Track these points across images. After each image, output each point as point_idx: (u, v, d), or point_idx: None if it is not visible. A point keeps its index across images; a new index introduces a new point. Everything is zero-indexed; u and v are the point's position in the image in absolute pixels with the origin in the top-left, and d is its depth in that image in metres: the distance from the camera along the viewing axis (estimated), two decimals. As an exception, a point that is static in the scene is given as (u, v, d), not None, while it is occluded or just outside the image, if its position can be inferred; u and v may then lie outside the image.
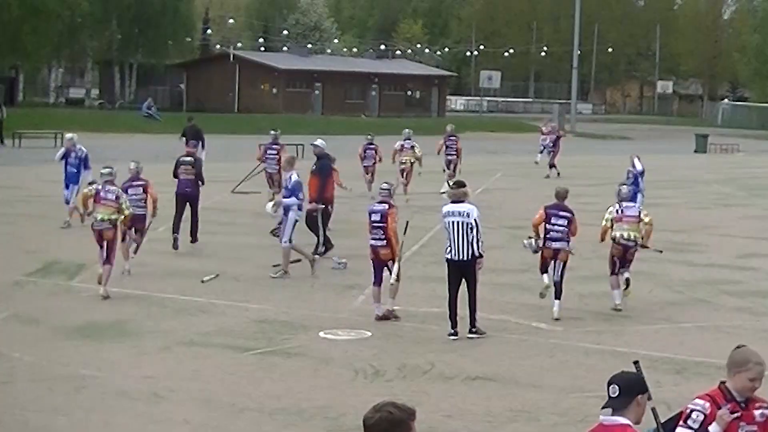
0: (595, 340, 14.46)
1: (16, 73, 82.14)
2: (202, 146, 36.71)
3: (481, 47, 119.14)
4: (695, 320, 15.93)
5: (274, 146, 28.78)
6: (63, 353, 13.29)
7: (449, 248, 14.57)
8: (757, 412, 6.68)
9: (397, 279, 15.41)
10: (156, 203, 19.44)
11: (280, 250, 20.99)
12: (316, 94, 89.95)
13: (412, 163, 31.00)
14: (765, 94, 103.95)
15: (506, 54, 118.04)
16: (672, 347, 14.15)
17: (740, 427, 6.65)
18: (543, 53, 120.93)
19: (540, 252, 16.47)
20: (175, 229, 21.63)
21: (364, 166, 31.06)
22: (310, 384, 12.15)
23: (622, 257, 16.86)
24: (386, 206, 15.72)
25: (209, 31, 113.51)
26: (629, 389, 6.09)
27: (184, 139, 36.73)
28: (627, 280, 17.02)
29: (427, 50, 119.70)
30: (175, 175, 22.56)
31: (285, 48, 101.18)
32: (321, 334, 14.48)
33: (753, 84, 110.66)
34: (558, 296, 16.17)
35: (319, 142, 22.11)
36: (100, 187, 17.46)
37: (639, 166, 23.00)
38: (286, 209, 18.65)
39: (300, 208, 18.87)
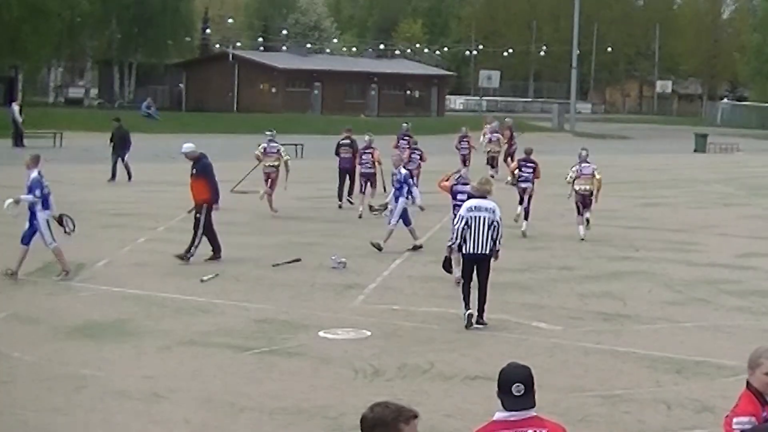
0: (594, 340, 14.45)
1: (16, 73, 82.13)
2: (128, 149, 35.98)
3: (481, 47, 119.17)
4: (695, 320, 15.92)
5: (405, 137, 33.82)
6: (63, 353, 13.28)
7: (468, 242, 14.82)
8: None
9: None
10: (287, 164, 26.78)
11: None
12: (315, 94, 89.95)
13: (498, 152, 38.84)
14: (764, 93, 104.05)
15: (506, 54, 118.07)
16: (672, 347, 14.15)
17: None
18: (542, 53, 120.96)
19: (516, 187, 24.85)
20: (339, 196, 28.98)
21: (462, 155, 37.40)
22: (309, 384, 12.14)
23: (582, 202, 23.81)
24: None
25: (209, 31, 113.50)
26: (531, 384, 5.91)
27: (111, 143, 36.16)
28: (587, 220, 23.80)
29: (426, 50, 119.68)
30: (337, 154, 29.48)
31: (284, 47, 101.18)
32: (321, 333, 14.47)
33: (752, 83, 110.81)
34: (526, 218, 24.39)
35: (186, 147, 20.74)
36: (266, 144, 26.91)
37: (404, 170, 22.54)
38: (33, 213, 17.88)
39: (46, 207, 17.99)
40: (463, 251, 15.04)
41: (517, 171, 25.52)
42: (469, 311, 14.95)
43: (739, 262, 21.32)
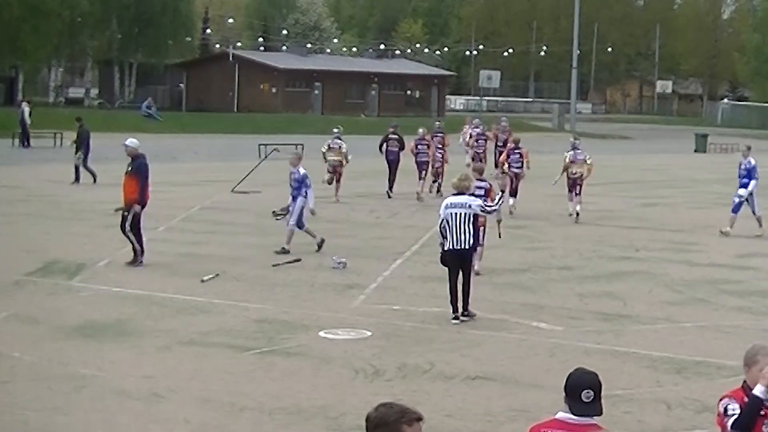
0: (595, 340, 14.45)
1: (16, 73, 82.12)
2: (87, 150, 34.62)
3: (481, 47, 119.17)
4: (695, 320, 15.92)
5: (438, 134, 34.30)
6: (63, 353, 13.28)
7: (449, 239, 15.24)
8: None
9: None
10: (347, 158, 30.36)
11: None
12: (315, 94, 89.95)
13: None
14: (765, 93, 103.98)
15: (506, 53, 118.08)
16: (672, 347, 14.15)
17: (765, 425, 6.49)
18: (543, 53, 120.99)
19: (507, 176, 26.51)
20: (390, 185, 32.07)
21: (476, 152, 38.33)
22: (310, 384, 12.13)
23: (573, 185, 27.03)
24: (488, 184, 18.59)
25: (209, 31, 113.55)
26: (600, 391, 5.99)
27: (74, 144, 35.40)
28: (577, 213, 26.77)
29: (426, 50, 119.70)
30: (381, 149, 32.79)
31: (284, 47, 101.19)
32: (321, 333, 14.46)
33: (753, 83, 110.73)
34: (515, 196, 27.82)
35: (129, 141, 20.27)
36: (331, 140, 30.42)
37: (302, 170, 22.08)
38: None
39: None
40: (446, 248, 15.36)
41: (507, 160, 29.08)
42: (455, 318, 15.23)
43: (739, 262, 21.32)
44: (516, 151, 29.19)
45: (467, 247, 15.25)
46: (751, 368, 6.58)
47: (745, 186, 25.39)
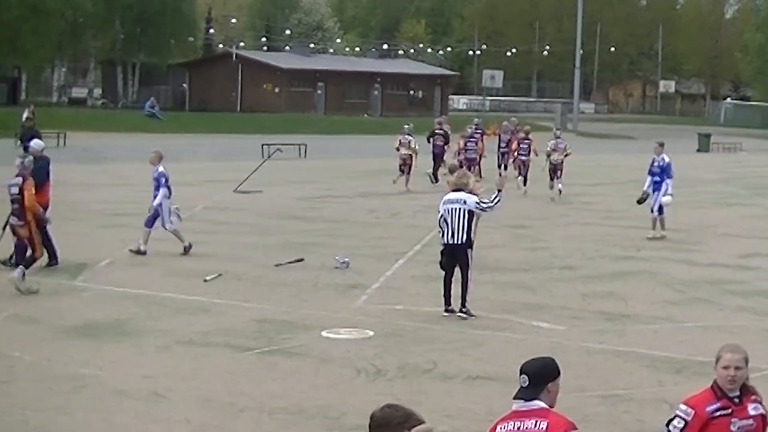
0: (596, 340, 14.42)
1: (19, 73, 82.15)
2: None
3: (484, 46, 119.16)
4: (697, 320, 15.88)
5: (478, 131, 37.83)
6: (63, 353, 13.26)
7: (444, 234, 15.53)
8: (750, 406, 6.66)
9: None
10: (416, 151, 34.30)
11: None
12: (318, 94, 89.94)
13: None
14: (767, 93, 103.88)
15: (509, 53, 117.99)
16: (673, 346, 14.11)
17: (732, 423, 6.61)
18: (545, 52, 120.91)
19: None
20: (435, 176, 35.08)
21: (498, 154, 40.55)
22: (310, 383, 12.11)
23: (554, 170, 31.38)
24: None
25: (212, 31, 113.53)
26: (538, 378, 6.06)
27: (21, 144, 35.23)
28: (559, 190, 31.08)
29: (429, 50, 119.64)
30: (429, 141, 36.63)
31: (287, 47, 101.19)
32: (322, 333, 14.44)
33: (755, 83, 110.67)
34: (525, 183, 32.78)
35: (33, 142, 20.12)
36: (402, 137, 34.48)
37: (161, 168, 21.75)
38: None
39: None
40: (442, 242, 15.67)
41: (517, 148, 33.98)
42: (447, 311, 15.53)
43: (742, 262, 21.26)
44: (526, 140, 33.85)
45: (461, 242, 15.44)
46: (716, 366, 6.79)
47: (658, 183, 24.81)
